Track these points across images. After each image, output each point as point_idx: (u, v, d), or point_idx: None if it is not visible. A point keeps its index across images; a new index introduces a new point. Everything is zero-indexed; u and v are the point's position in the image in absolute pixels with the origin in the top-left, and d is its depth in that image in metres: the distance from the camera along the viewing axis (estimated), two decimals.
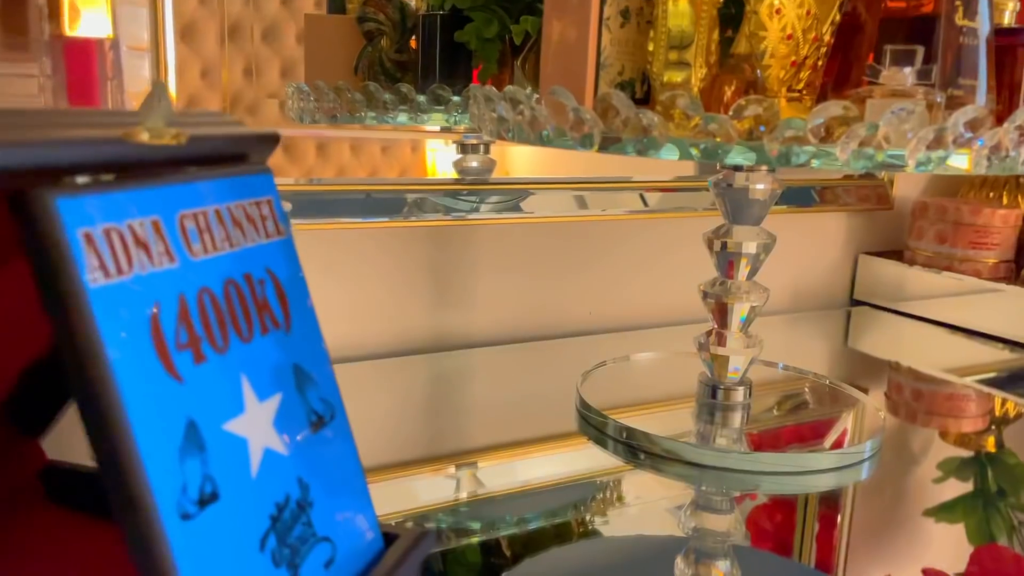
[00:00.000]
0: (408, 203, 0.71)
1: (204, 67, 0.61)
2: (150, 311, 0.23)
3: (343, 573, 0.29)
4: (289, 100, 0.70)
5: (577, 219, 0.78)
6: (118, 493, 0.22)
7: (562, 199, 0.76)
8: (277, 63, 0.69)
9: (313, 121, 0.71)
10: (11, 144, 0.21)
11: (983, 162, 0.37)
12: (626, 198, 0.80)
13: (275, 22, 0.68)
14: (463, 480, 0.51)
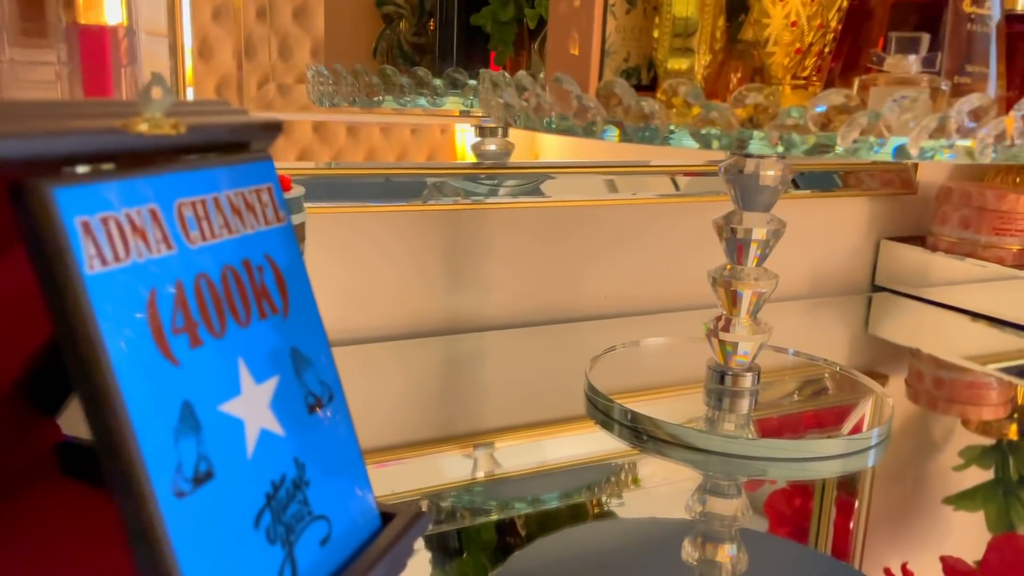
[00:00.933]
0: (427, 187, 0.71)
1: (235, 48, 0.62)
2: (146, 297, 0.24)
3: (339, 551, 0.30)
4: (309, 83, 0.71)
5: (592, 203, 0.78)
6: (114, 471, 0.23)
7: (580, 183, 0.76)
8: (307, 43, 0.70)
9: (332, 104, 0.71)
10: (10, 135, 0.22)
11: (987, 151, 0.36)
12: (645, 182, 0.79)
13: (305, 1, 0.69)
14: (478, 460, 0.52)
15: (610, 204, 0.78)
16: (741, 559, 0.42)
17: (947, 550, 0.46)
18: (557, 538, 0.43)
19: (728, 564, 0.42)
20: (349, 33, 0.73)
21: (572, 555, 0.43)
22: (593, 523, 0.46)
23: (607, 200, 0.78)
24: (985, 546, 0.47)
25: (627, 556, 0.43)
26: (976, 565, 0.45)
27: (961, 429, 0.62)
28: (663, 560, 0.42)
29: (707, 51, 0.40)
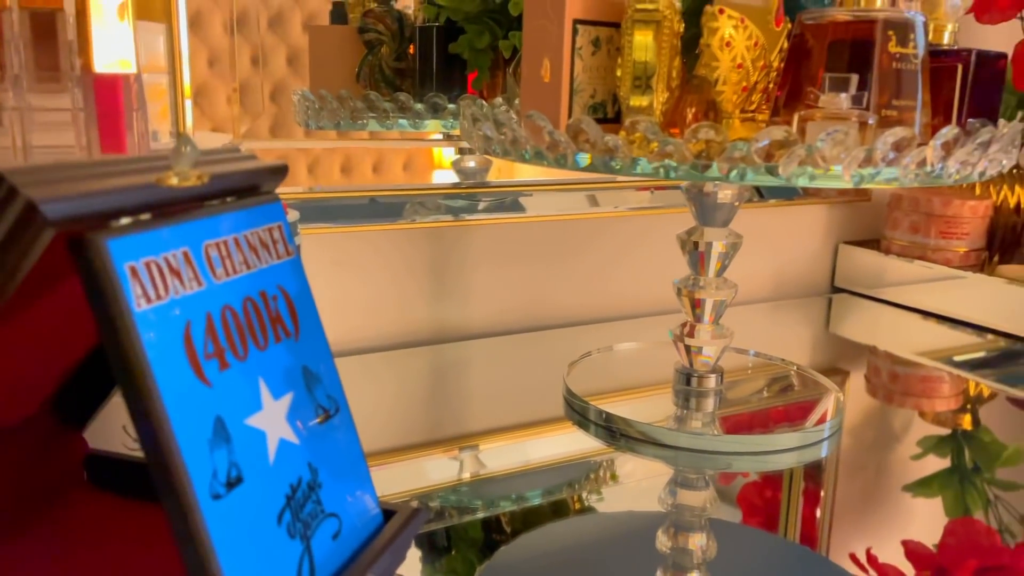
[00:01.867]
0: (409, 207, 0.75)
1: (230, 91, 0.66)
2: (183, 328, 0.28)
3: (348, 544, 0.34)
4: (296, 107, 0.74)
5: (566, 217, 0.82)
6: (161, 479, 0.27)
7: (552, 200, 0.81)
8: (299, 83, 0.74)
9: (318, 127, 0.75)
10: (70, 197, 0.26)
11: (911, 176, 0.41)
12: (613, 197, 0.84)
13: (298, 46, 0.73)
14: (464, 461, 0.55)
15: (583, 218, 0.83)
16: (711, 547, 0.46)
17: (908, 535, 0.49)
18: (540, 533, 0.47)
19: (699, 552, 0.45)
20: (334, 59, 0.77)
21: (555, 549, 0.46)
22: (574, 518, 0.49)
23: (580, 214, 0.82)
24: (943, 530, 0.50)
25: (606, 548, 0.46)
26: (935, 548, 0.48)
27: (918, 420, 0.66)
28: (640, 551, 0.45)
29: (664, 89, 0.45)
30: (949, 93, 0.47)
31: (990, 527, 0.51)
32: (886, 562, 0.45)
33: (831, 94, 0.41)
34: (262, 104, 0.70)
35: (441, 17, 0.73)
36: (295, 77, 0.73)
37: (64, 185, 0.26)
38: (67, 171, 0.27)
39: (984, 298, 0.85)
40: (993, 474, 0.58)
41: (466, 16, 0.72)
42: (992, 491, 0.56)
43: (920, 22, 0.44)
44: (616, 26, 0.46)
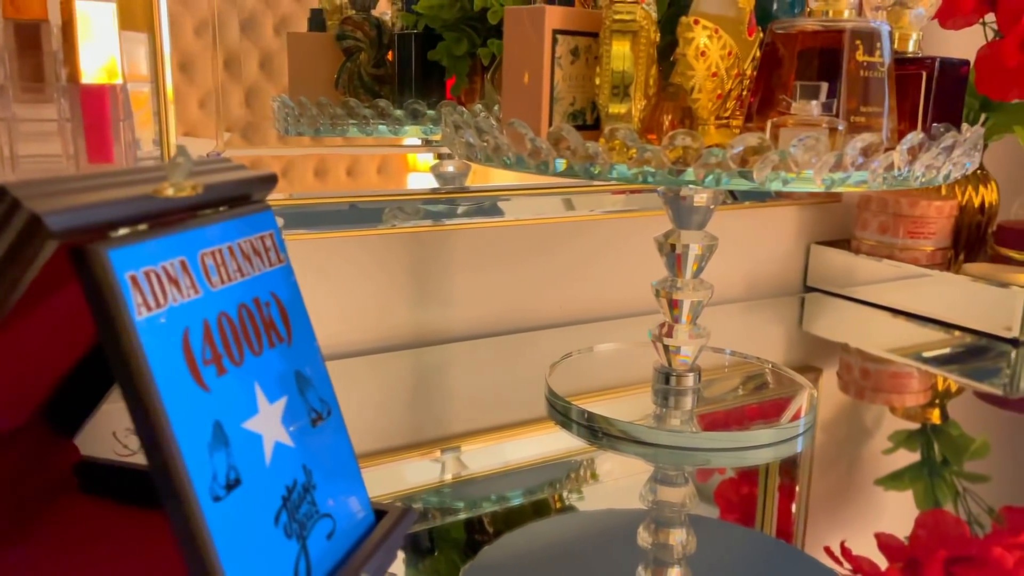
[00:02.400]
0: (388, 212, 0.76)
1: (202, 96, 0.66)
2: (182, 335, 0.29)
3: (342, 543, 0.35)
4: (275, 113, 0.75)
5: (544, 221, 0.83)
6: (163, 482, 0.28)
7: (530, 203, 0.82)
8: (272, 88, 0.74)
9: (298, 133, 0.76)
10: (72, 209, 0.26)
11: (879, 180, 0.43)
12: (588, 201, 0.85)
13: (270, 50, 0.73)
14: (447, 463, 0.56)
15: (560, 221, 0.84)
16: (691, 542, 0.47)
17: (881, 527, 0.50)
18: (523, 532, 0.47)
19: (679, 547, 0.46)
20: (312, 65, 0.77)
21: (538, 547, 0.47)
22: (555, 517, 0.50)
23: (557, 218, 0.83)
24: (914, 522, 0.51)
25: (588, 546, 0.47)
26: (907, 540, 0.49)
27: (888, 416, 0.68)
28: (621, 547, 0.46)
29: (642, 96, 0.46)
30: (914, 99, 0.48)
31: (959, 518, 0.52)
32: (860, 554, 0.46)
33: (802, 101, 0.43)
34: (234, 109, 0.71)
35: (420, 24, 0.74)
36: (268, 82, 0.74)
37: (65, 197, 0.27)
38: (66, 184, 0.28)
39: (951, 295, 0.87)
40: (961, 467, 0.60)
41: (444, 23, 0.73)
42: (960, 483, 0.57)
43: (886, 31, 0.46)
44: (594, 36, 0.48)
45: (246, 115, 0.72)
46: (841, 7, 0.45)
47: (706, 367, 0.64)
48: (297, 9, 0.76)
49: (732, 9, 0.44)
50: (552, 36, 0.46)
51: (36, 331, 0.35)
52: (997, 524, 0.51)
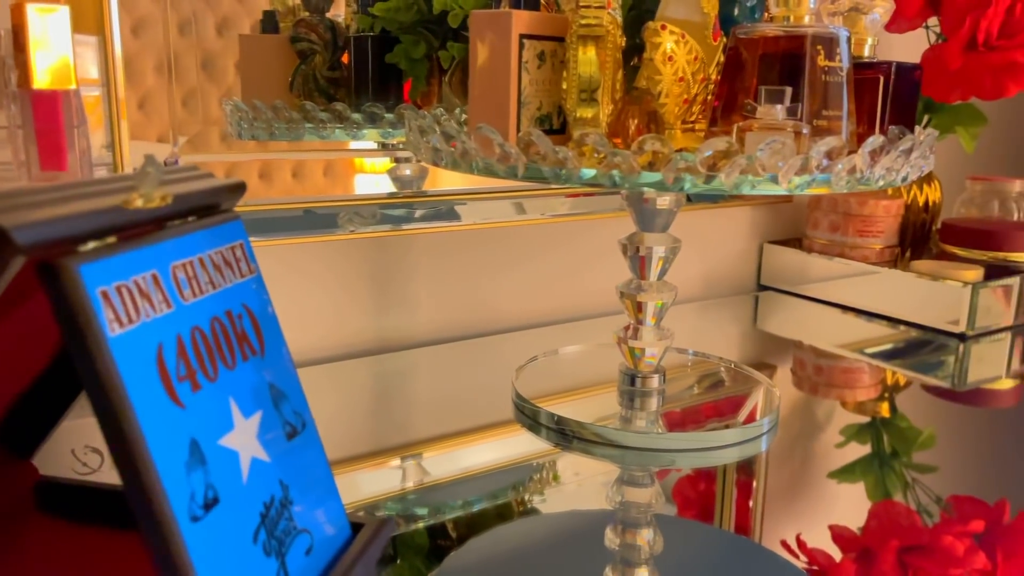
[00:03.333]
0: (344, 216, 0.75)
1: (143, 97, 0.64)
2: (155, 351, 0.28)
3: (320, 558, 0.34)
4: (228, 117, 0.73)
5: (503, 224, 0.83)
6: (139, 504, 0.27)
7: (488, 207, 0.82)
8: (215, 91, 0.72)
9: (252, 137, 0.74)
10: (39, 222, 0.25)
11: (842, 183, 0.44)
12: (546, 204, 0.85)
13: (212, 52, 0.71)
14: (409, 470, 0.56)
15: (516, 225, 0.84)
16: (657, 541, 0.47)
17: (834, 519, 0.51)
18: (488, 537, 0.48)
19: (646, 547, 0.47)
20: (265, 68, 0.76)
21: (505, 550, 0.47)
22: (521, 520, 0.50)
23: (513, 221, 0.83)
24: (867, 513, 0.53)
25: (555, 547, 0.47)
26: (860, 531, 0.50)
27: (840, 410, 0.70)
28: (588, 548, 0.47)
29: (609, 101, 0.46)
30: (872, 102, 0.50)
31: (910, 508, 0.54)
32: (815, 546, 0.47)
33: (767, 106, 0.43)
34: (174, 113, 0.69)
35: (376, 27, 0.73)
36: (210, 84, 0.72)
37: (31, 211, 0.26)
38: (31, 196, 0.27)
39: (899, 292, 0.89)
40: (910, 458, 0.62)
41: (400, 26, 0.72)
42: (910, 474, 0.59)
43: (844, 37, 0.47)
44: (560, 40, 0.48)
45: (184, 117, 0.70)
46: (802, 13, 0.46)
47: (669, 367, 0.64)
48: (234, 7, 0.74)
49: (698, 14, 0.44)
50: (519, 41, 0.46)
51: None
52: (946, 513, 0.52)
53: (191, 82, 0.69)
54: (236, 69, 0.73)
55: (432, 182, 0.83)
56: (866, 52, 0.54)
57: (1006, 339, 0.87)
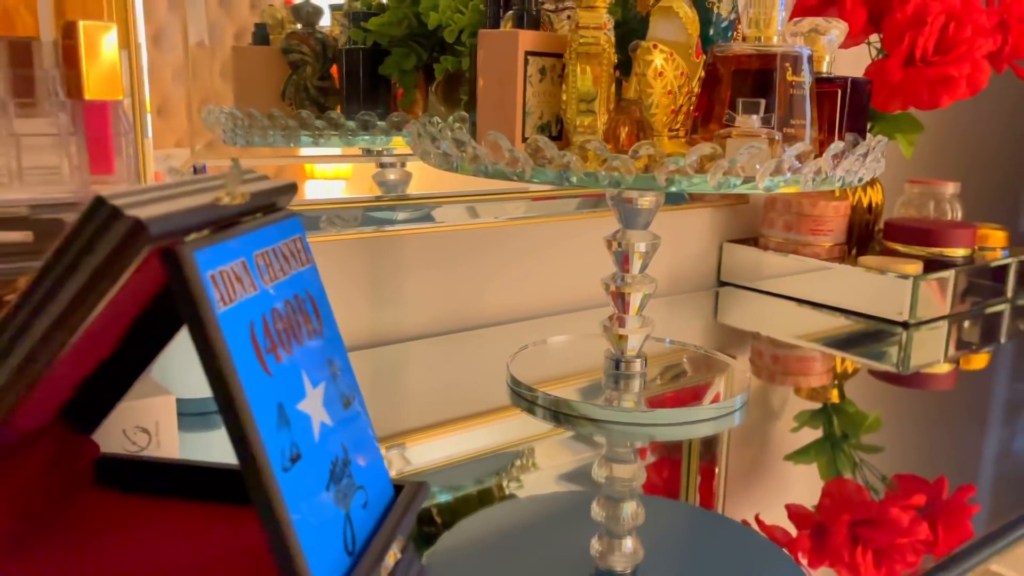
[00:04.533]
0: (330, 219, 0.79)
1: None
2: (248, 326, 0.33)
3: (374, 512, 0.39)
4: (221, 126, 0.77)
5: (480, 226, 0.88)
6: (244, 457, 0.31)
7: (463, 210, 0.87)
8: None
9: (247, 144, 0.78)
10: (164, 216, 0.30)
11: (809, 182, 0.50)
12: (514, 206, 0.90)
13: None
14: (394, 460, 0.58)
15: (500, 226, 0.89)
16: (640, 514, 0.51)
17: (791, 499, 0.54)
18: (478, 517, 0.51)
19: (629, 519, 0.50)
20: (257, 78, 0.80)
21: (494, 529, 0.50)
22: (507, 502, 0.53)
23: (491, 223, 0.88)
24: (820, 491, 0.56)
25: (541, 524, 0.50)
26: (814, 508, 0.53)
27: (794, 397, 0.75)
28: (572, 524, 0.50)
29: (604, 111, 0.52)
30: (831, 112, 0.56)
31: (859, 485, 0.57)
32: (773, 523, 0.51)
33: (744, 116, 0.50)
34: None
35: (368, 40, 0.78)
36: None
37: (151, 206, 0.30)
38: (147, 194, 0.31)
39: (848, 285, 0.97)
40: (858, 440, 0.66)
41: (391, 40, 0.77)
42: (858, 455, 0.63)
43: (807, 55, 0.53)
44: (558, 56, 0.53)
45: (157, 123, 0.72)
46: (771, 34, 0.53)
47: (649, 355, 0.70)
48: (224, 20, 0.78)
49: (683, 34, 0.50)
50: (524, 57, 0.51)
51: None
52: (890, 490, 0.56)
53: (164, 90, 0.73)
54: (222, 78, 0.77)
55: (414, 186, 0.88)
56: (824, 68, 0.60)
57: (943, 327, 0.95)
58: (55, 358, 0.31)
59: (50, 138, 0.47)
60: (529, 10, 0.54)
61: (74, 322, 0.30)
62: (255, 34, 0.81)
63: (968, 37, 0.82)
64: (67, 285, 0.30)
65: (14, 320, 0.31)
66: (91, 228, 0.29)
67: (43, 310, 0.30)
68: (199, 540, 0.41)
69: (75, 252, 0.30)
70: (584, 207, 0.94)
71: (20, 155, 0.46)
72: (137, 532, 0.42)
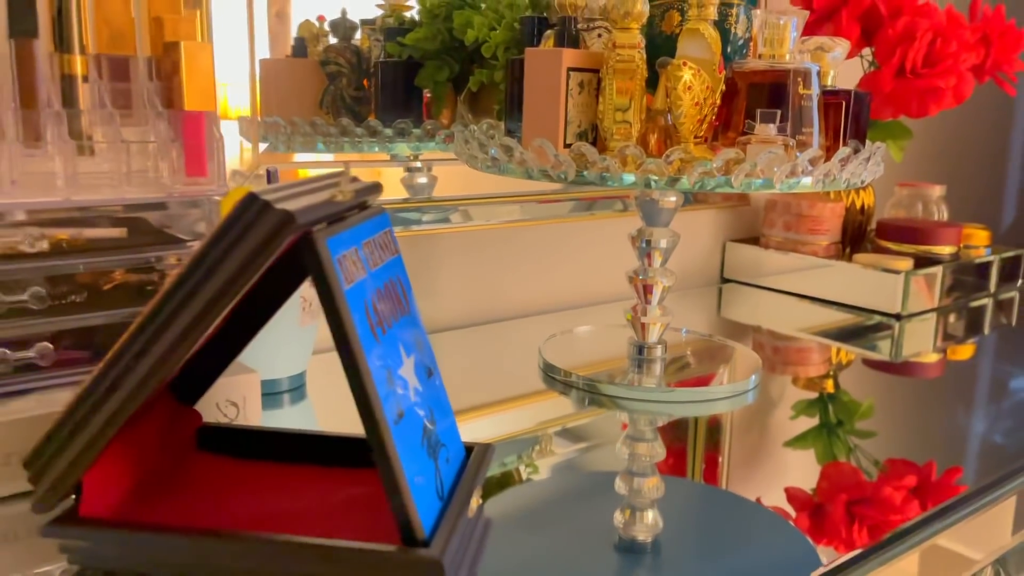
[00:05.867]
0: None
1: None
2: (363, 302, 0.39)
3: (453, 467, 0.45)
4: (262, 133, 0.83)
5: (507, 225, 0.95)
6: (366, 413, 0.37)
7: (497, 210, 0.93)
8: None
9: (287, 150, 0.85)
10: (305, 208, 0.36)
11: (819, 184, 0.57)
12: (550, 208, 0.97)
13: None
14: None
15: (524, 225, 0.96)
16: (660, 487, 0.56)
17: (790, 483, 0.57)
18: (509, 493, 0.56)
19: (652, 491, 0.55)
20: (292, 89, 0.86)
21: (526, 503, 0.54)
22: (537, 478, 0.58)
23: (522, 222, 0.95)
24: (817, 476, 0.59)
25: (568, 497, 0.54)
26: (812, 491, 0.56)
27: (792, 386, 0.79)
28: (597, 498, 0.54)
29: (637, 121, 0.59)
30: (836, 122, 0.63)
31: (855, 468, 0.61)
32: (774, 505, 0.54)
33: (763, 124, 0.56)
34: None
35: (404, 53, 0.84)
36: None
37: (291, 202, 0.37)
38: (280, 192, 0.38)
39: (844, 281, 1.03)
40: (853, 426, 0.70)
41: (424, 53, 0.84)
42: (852, 440, 0.66)
43: (815, 70, 0.60)
44: (595, 71, 0.60)
45: None
46: (783, 52, 0.59)
47: (668, 342, 0.77)
48: None
49: (708, 52, 0.57)
50: (567, 73, 0.58)
51: None
52: (882, 472, 0.60)
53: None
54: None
55: (439, 190, 0.94)
56: (829, 82, 0.67)
57: (932, 318, 1.02)
58: (207, 330, 0.37)
59: (150, 144, 0.53)
60: (568, 30, 0.61)
61: (228, 299, 0.36)
62: (295, 47, 0.87)
63: (953, 51, 0.90)
64: (223, 268, 0.36)
65: (176, 295, 0.37)
66: (246, 219, 0.36)
67: (201, 289, 0.37)
68: (296, 494, 0.47)
69: (231, 239, 0.36)
70: (577, 210, 0.99)
71: (129, 160, 0.52)
72: (239, 488, 0.48)
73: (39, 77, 0.50)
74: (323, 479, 0.48)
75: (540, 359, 0.75)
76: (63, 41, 0.51)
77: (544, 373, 0.74)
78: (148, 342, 0.37)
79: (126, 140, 0.52)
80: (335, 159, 0.87)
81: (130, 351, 0.38)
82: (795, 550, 0.49)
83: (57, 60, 0.52)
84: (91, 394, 0.39)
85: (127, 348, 0.38)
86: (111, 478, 0.43)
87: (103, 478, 0.42)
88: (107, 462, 0.42)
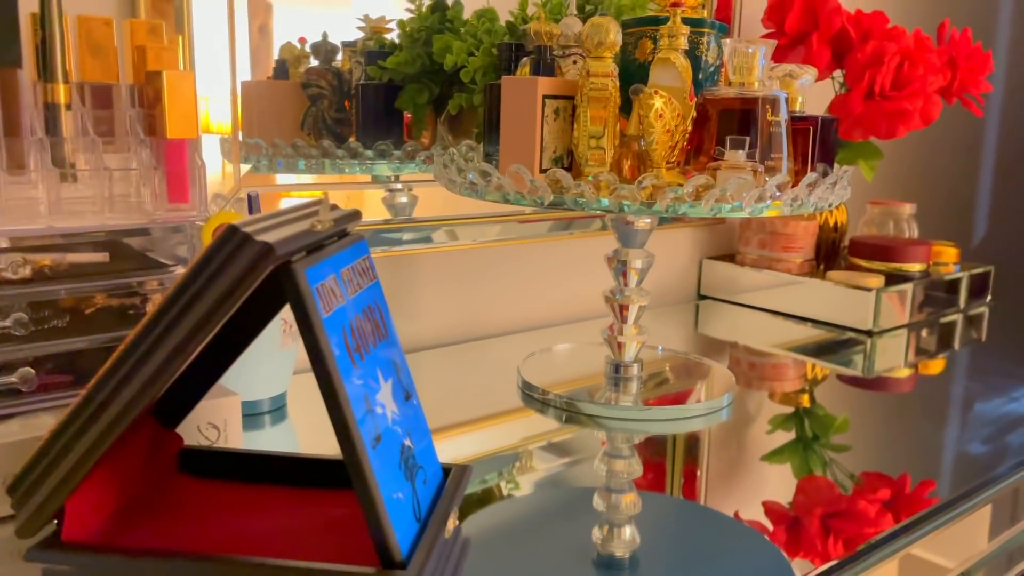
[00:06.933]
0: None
1: None
2: (341, 330, 0.40)
3: (431, 490, 0.46)
4: (244, 155, 0.84)
5: (487, 245, 0.96)
6: (343, 437, 0.38)
7: (472, 230, 0.94)
8: None
9: (268, 171, 0.86)
10: (284, 239, 0.37)
11: (787, 208, 0.59)
12: (531, 228, 0.98)
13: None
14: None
15: (503, 245, 0.97)
16: (637, 503, 0.57)
17: (767, 496, 0.58)
18: (488, 511, 0.56)
19: (629, 507, 0.56)
20: (273, 110, 0.87)
21: (505, 520, 0.55)
22: (516, 495, 0.59)
23: (501, 242, 0.96)
24: (795, 489, 0.60)
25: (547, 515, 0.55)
26: (789, 505, 0.57)
27: (768, 401, 0.80)
28: (575, 514, 0.55)
29: (611, 147, 0.60)
30: (804, 147, 0.65)
31: (830, 481, 0.62)
32: (751, 519, 0.54)
33: (732, 151, 0.58)
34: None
35: (384, 76, 0.85)
36: None
37: (270, 233, 0.38)
38: (260, 223, 0.39)
39: (817, 298, 1.05)
40: (828, 440, 0.71)
41: (405, 76, 0.85)
42: (828, 454, 0.68)
43: (783, 97, 0.62)
44: (570, 99, 0.61)
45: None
46: (752, 80, 0.61)
47: (643, 360, 0.78)
48: None
49: (679, 81, 0.59)
50: (542, 100, 0.59)
51: None
52: (857, 486, 0.61)
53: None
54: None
55: (419, 210, 0.95)
56: (798, 108, 0.69)
57: (903, 334, 1.04)
58: (188, 358, 0.38)
59: (132, 171, 0.54)
60: (544, 58, 0.62)
61: (209, 328, 0.37)
62: (276, 68, 0.88)
63: (921, 75, 0.92)
64: (203, 299, 0.37)
65: (158, 325, 0.38)
66: (225, 251, 0.37)
67: (182, 318, 0.38)
68: (277, 516, 0.48)
69: (211, 271, 0.37)
70: (555, 230, 1.01)
71: (111, 186, 0.53)
72: (221, 511, 0.49)
73: (23, 105, 0.51)
74: (303, 501, 0.49)
75: (519, 377, 0.76)
76: (47, 70, 0.52)
77: (522, 392, 0.75)
78: (129, 372, 0.38)
79: (108, 167, 0.52)
80: (316, 180, 0.88)
81: (112, 380, 0.39)
82: (771, 564, 0.50)
83: (41, 89, 0.53)
84: (74, 421, 0.40)
85: (109, 377, 0.39)
86: (93, 502, 0.44)
87: (85, 502, 0.43)
88: (89, 486, 0.43)
